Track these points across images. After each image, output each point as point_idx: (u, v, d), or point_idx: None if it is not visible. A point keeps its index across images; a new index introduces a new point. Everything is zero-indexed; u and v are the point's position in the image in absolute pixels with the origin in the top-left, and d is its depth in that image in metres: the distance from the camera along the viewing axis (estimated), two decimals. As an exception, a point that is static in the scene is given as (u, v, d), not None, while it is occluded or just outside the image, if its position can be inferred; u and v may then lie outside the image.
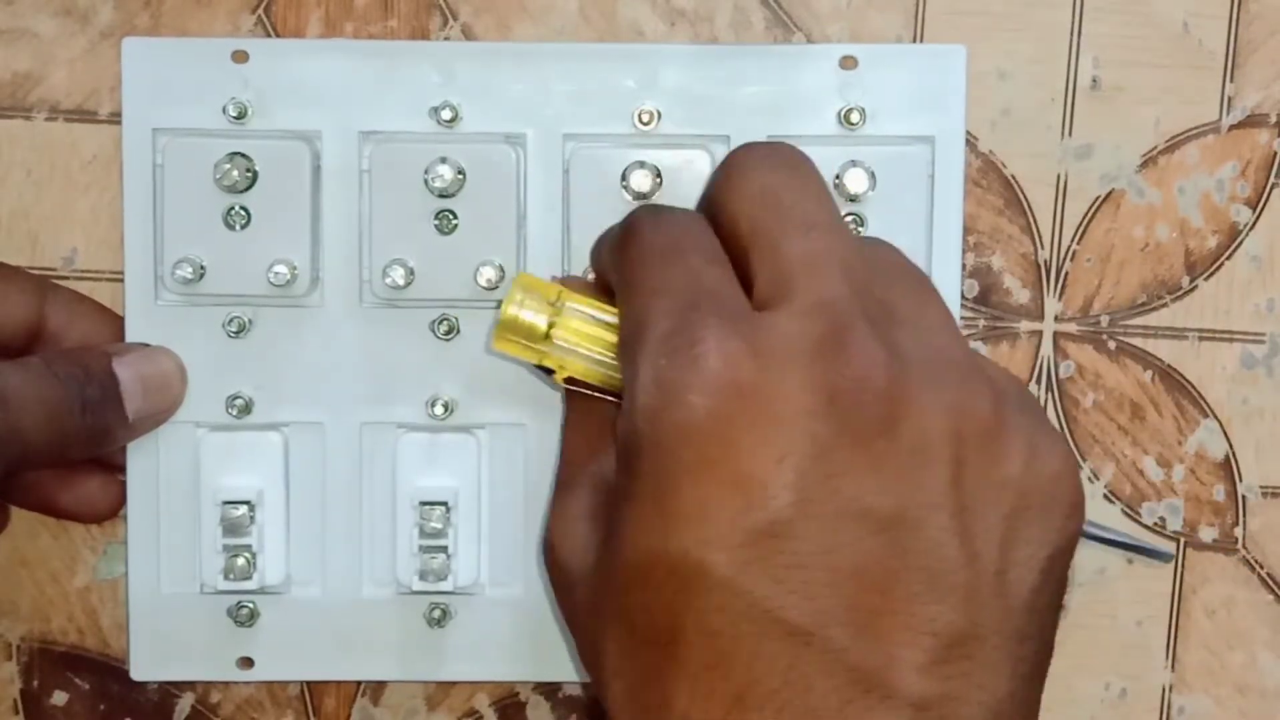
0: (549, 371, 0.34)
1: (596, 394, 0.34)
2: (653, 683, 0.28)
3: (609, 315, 0.33)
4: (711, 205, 0.32)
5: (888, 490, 0.28)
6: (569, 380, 0.34)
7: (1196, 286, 0.39)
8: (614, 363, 0.33)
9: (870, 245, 0.33)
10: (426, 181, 0.37)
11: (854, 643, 0.27)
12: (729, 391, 0.28)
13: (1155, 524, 0.40)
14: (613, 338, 0.33)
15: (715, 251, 0.31)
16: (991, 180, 0.39)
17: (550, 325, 0.33)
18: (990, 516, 0.29)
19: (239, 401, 0.37)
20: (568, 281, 0.35)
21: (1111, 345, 0.39)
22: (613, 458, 0.31)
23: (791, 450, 0.27)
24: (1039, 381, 0.39)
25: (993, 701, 0.28)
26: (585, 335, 0.33)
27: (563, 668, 0.39)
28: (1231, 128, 0.39)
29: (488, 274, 0.37)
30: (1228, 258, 0.39)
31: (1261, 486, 0.40)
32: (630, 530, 0.29)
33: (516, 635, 0.38)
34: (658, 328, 0.29)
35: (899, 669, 0.27)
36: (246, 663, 0.38)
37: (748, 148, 0.33)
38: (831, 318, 0.29)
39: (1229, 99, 0.39)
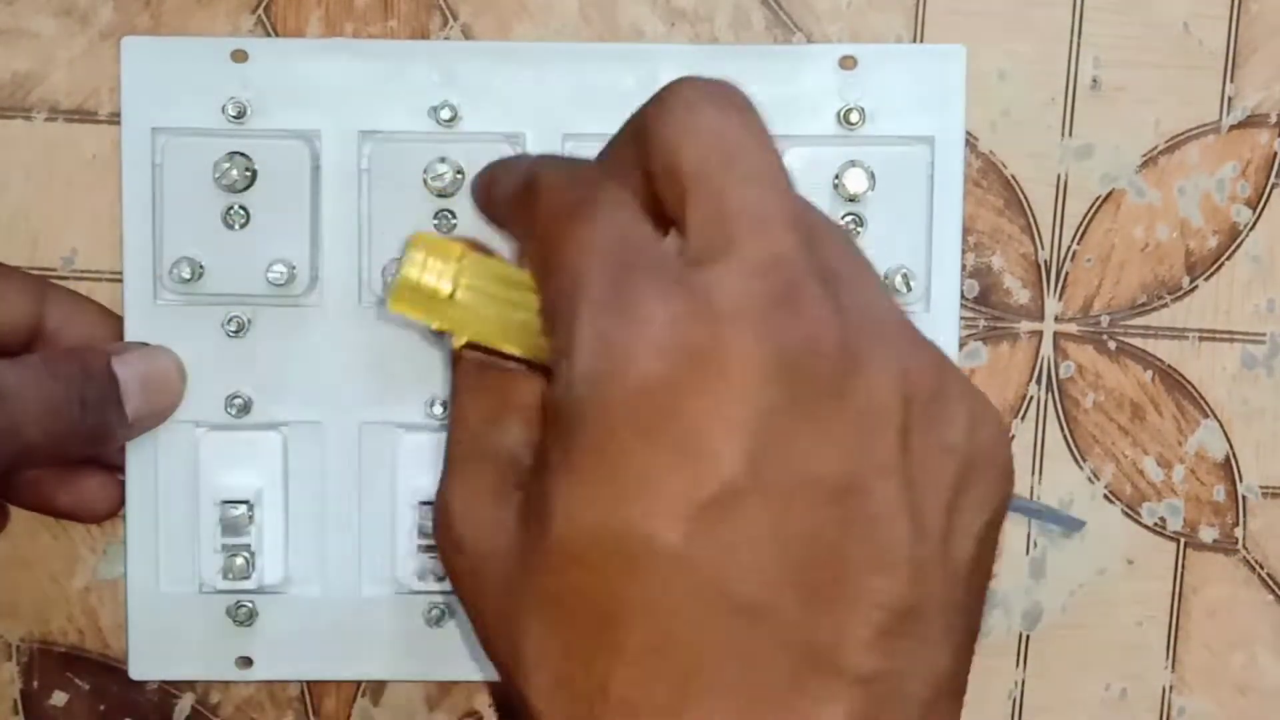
0: (443, 335, 0.31)
1: (497, 359, 0.31)
2: (587, 669, 0.26)
3: (516, 274, 0.30)
4: (644, 139, 0.29)
5: (838, 456, 0.26)
6: (470, 345, 0.31)
7: (1197, 286, 0.39)
8: (522, 325, 0.30)
9: (807, 202, 0.31)
10: (426, 181, 0.37)
11: (802, 618, 0.26)
12: (678, 354, 0.26)
13: (1155, 524, 0.40)
14: (520, 298, 0.30)
15: (631, 204, 0.29)
16: (991, 180, 0.39)
17: (454, 287, 0.30)
18: (936, 484, 0.27)
19: (238, 401, 0.37)
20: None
21: (1112, 345, 0.39)
22: (516, 429, 0.30)
23: (744, 416, 0.26)
24: (1039, 382, 0.39)
25: (934, 676, 0.27)
26: (491, 296, 0.30)
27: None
28: (1232, 128, 0.39)
29: (487, 273, 0.37)
30: (1228, 258, 0.39)
31: (1262, 487, 0.40)
32: (564, 505, 0.26)
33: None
34: (592, 288, 0.27)
35: (847, 644, 0.26)
36: (246, 662, 0.38)
37: (691, 81, 0.29)
38: (781, 275, 0.27)
39: (1229, 99, 0.39)
